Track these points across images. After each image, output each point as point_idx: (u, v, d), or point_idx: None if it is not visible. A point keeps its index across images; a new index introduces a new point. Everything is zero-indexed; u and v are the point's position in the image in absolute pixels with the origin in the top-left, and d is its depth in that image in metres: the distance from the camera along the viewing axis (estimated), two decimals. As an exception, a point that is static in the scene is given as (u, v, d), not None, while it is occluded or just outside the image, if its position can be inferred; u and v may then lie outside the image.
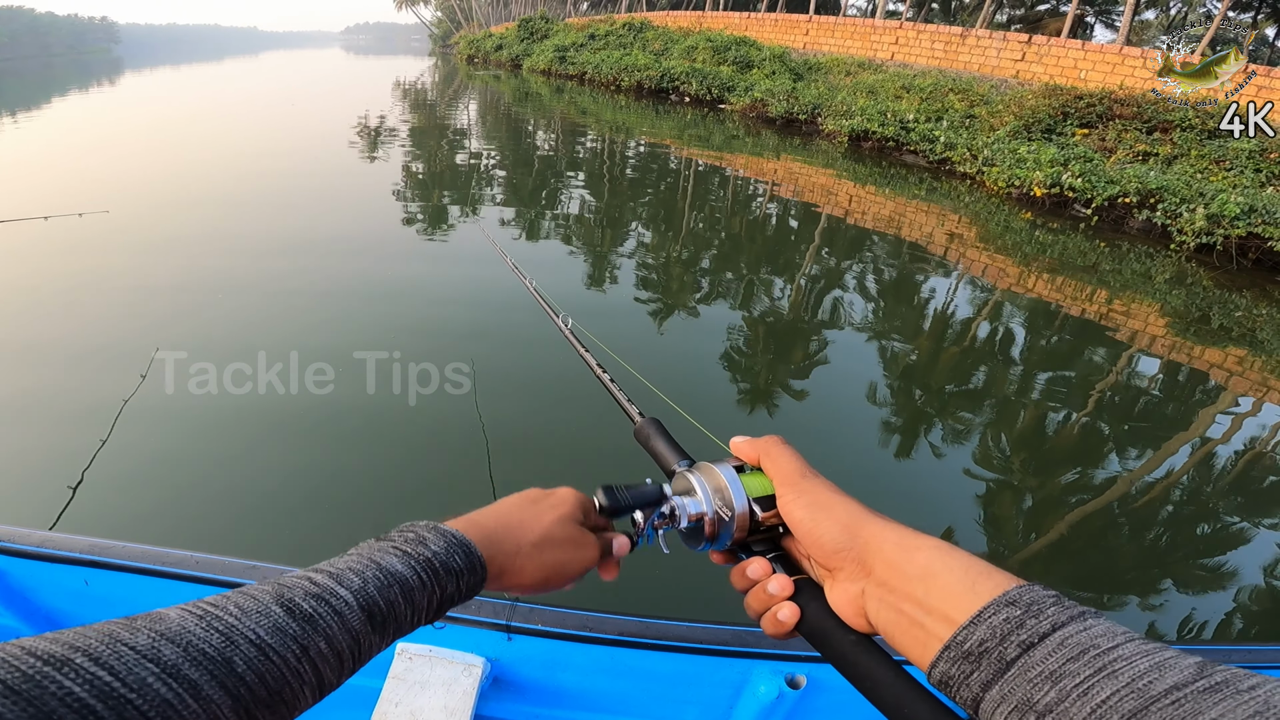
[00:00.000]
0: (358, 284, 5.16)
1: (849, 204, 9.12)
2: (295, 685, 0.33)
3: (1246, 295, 6.42)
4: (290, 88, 26.08)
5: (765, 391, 4.01)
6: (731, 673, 1.08)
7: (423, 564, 0.41)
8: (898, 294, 6.04)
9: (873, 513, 0.43)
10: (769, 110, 15.12)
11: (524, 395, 3.60)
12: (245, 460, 3.05)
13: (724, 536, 0.48)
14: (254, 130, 13.81)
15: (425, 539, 0.42)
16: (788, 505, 0.45)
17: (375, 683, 1.09)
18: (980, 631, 0.33)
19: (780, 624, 0.44)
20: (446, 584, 0.41)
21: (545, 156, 11.75)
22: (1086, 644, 0.30)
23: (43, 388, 3.59)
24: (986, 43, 15.28)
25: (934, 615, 0.36)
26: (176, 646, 0.29)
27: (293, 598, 0.35)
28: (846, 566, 0.42)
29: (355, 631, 0.36)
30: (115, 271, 5.28)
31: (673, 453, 0.56)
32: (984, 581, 0.35)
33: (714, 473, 0.49)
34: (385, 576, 0.39)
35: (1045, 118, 10.64)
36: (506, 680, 1.15)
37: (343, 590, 0.37)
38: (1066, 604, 0.33)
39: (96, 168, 9.43)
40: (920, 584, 0.37)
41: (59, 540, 1.13)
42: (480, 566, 0.44)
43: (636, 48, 22.65)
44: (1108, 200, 8.27)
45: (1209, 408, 4.46)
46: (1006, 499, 3.26)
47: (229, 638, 0.31)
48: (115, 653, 0.27)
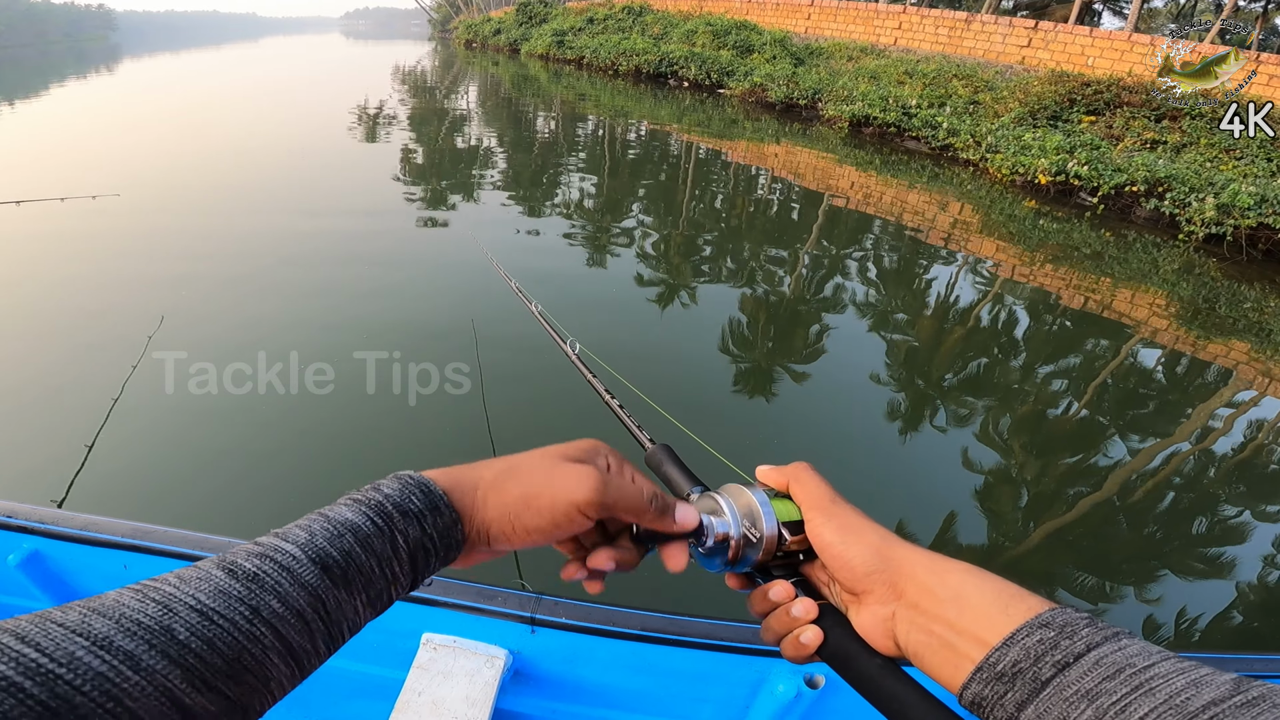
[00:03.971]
0: (357, 284, 5.07)
1: (859, 194, 8.91)
2: (255, 650, 0.31)
3: (1256, 287, 6.25)
4: (292, 73, 25.78)
5: (779, 406, 3.85)
6: (750, 671, 1.08)
7: (374, 507, 0.38)
8: (904, 285, 5.86)
9: (899, 538, 0.43)
10: (769, 95, 14.85)
11: (530, 410, 3.49)
12: (245, 460, 3.04)
13: (747, 559, 0.47)
14: (256, 117, 13.64)
15: (379, 485, 0.40)
16: (817, 529, 0.45)
17: (399, 673, 1.09)
18: (1014, 653, 0.34)
19: (802, 647, 0.43)
20: (407, 528, 0.38)
21: (545, 143, 11.53)
22: (1122, 663, 0.31)
23: (42, 372, 3.63)
24: (992, 28, 14.98)
25: (966, 637, 0.36)
26: (108, 619, 0.28)
27: (234, 559, 0.34)
28: (876, 590, 0.41)
29: (311, 586, 0.34)
30: (128, 252, 5.43)
31: (685, 479, 0.55)
32: (1017, 604, 0.36)
33: (743, 494, 0.48)
34: (334, 526, 0.37)
35: (1051, 104, 10.40)
36: (527, 673, 1.15)
37: (287, 545, 0.35)
38: (1100, 625, 0.33)
39: (103, 152, 9.55)
40: (952, 606, 0.37)
41: (100, 523, 1.12)
42: (446, 507, 0.40)
43: (635, 32, 22.30)
44: (1114, 189, 8.07)
45: (1211, 399, 4.37)
46: (1006, 488, 3.25)
47: (167, 606, 0.30)
48: (43, 630, 0.27)
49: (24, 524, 1.13)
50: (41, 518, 1.14)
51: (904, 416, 3.76)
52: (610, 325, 4.62)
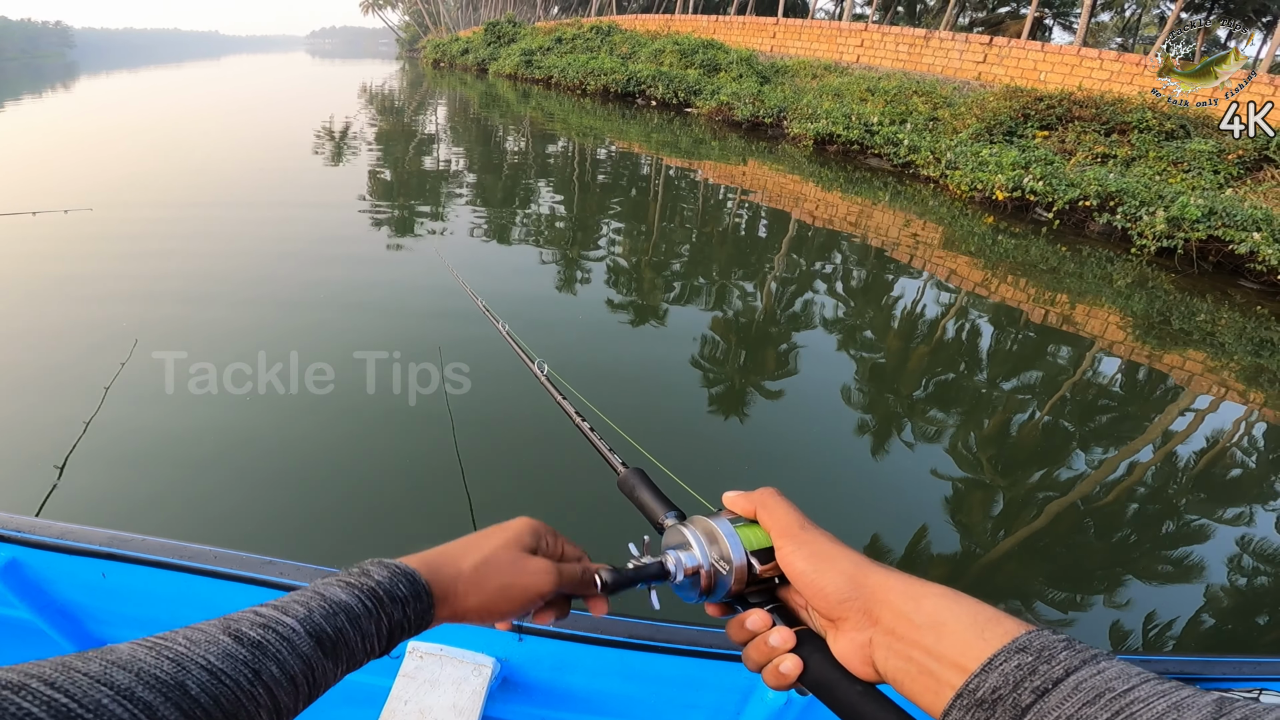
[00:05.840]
0: (340, 289, 5.09)
1: (828, 214, 9.02)
2: (251, 708, 0.34)
3: (1208, 299, 6.43)
4: (253, 92, 25.40)
5: (750, 433, 3.82)
6: (739, 678, 1.08)
7: (366, 592, 0.42)
8: (874, 303, 5.92)
9: (874, 562, 0.43)
10: (735, 114, 15.03)
11: (503, 441, 3.41)
12: (245, 458, 3.06)
13: (720, 590, 0.47)
14: (222, 134, 13.47)
15: (369, 571, 0.44)
16: (788, 557, 0.45)
17: (386, 681, 1.08)
18: (992, 679, 0.34)
19: (782, 676, 0.44)
20: (393, 611, 0.43)
21: (513, 164, 11.48)
22: (1101, 687, 0.31)
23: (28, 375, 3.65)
24: (949, 45, 15.40)
25: (944, 663, 0.36)
26: (129, 672, 0.31)
27: (239, 628, 0.36)
28: (852, 616, 0.41)
29: (306, 657, 0.37)
30: (106, 269, 5.38)
31: (659, 504, 0.55)
32: (993, 628, 0.36)
33: (709, 526, 0.48)
34: (330, 605, 0.40)
35: (1006, 119, 10.68)
36: (515, 681, 1.15)
37: (288, 619, 0.38)
38: (1078, 647, 0.33)
39: (66, 169, 9.54)
40: (930, 632, 0.37)
41: (77, 532, 1.11)
42: (425, 593, 0.45)
43: (603, 51, 22.45)
44: (1069, 204, 8.28)
45: (1170, 409, 4.48)
46: (975, 499, 3.28)
47: (180, 664, 0.32)
48: (70, 678, 0.29)
49: (1, 533, 1.12)
50: (19, 526, 1.12)
51: (874, 431, 3.77)
52: (578, 345, 4.57)
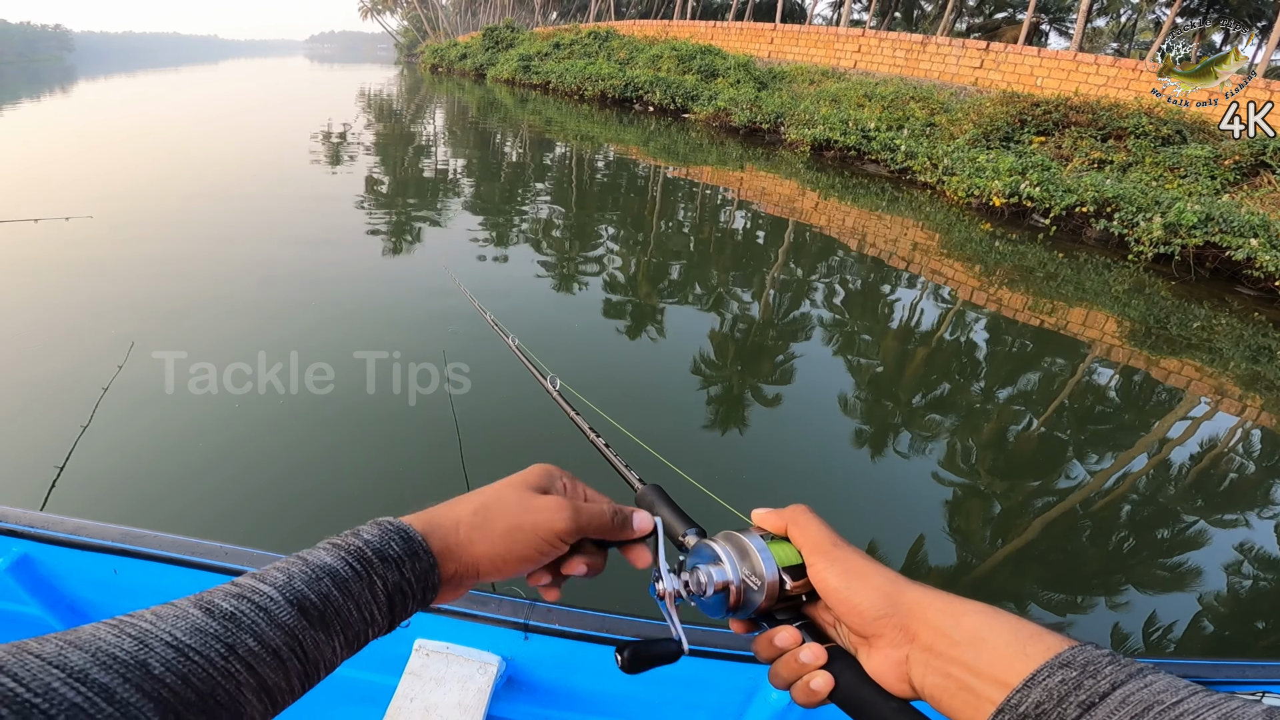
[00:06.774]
0: (340, 290, 5.11)
1: (836, 223, 9.01)
2: (229, 686, 0.31)
3: (1205, 305, 6.43)
4: (252, 96, 25.41)
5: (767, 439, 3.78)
6: (744, 678, 1.08)
7: (353, 553, 0.40)
8: (871, 311, 5.90)
9: (909, 580, 0.42)
10: (732, 119, 15.06)
11: (509, 451, 3.37)
12: (244, 458, 3.06)
13: (749, 606, 0.46)
14: (221, 138, 13.49)
15: (359, 531, 0.42)
16: (820, 574, 0.44)
17: (391, 679, 1.08)
18: (1035, 694, 0.33)
19: (813, 693, 0.42)
20: (386, 574, 0.40)
21: (512, 169, 11.46)
22: (1149, 700, 0.30)
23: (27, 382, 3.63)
24: (946, 50, 15.44)
25: (985, 679, 0.36)
26: (84, 652, 0.29)
27: (212, 599, 0.34)
28: (887, 633, 0.41)
29: (288, 627, 0.35)
30: (104, 274, 5.41)
31: (679, 521, 0.54)
32: (1035, 644, 0.35)
33: (741, 541, 0.48)
34: (312, 570, 0.38)
35: (1003, 125, 10.70)
36: (521, 679, 1.15)
37: (265, 586, 0.36)
38: (1123, 661, 0.33)
39: (64, 175, 9.55)
40: (970, 648, 0.37)
41: (90, 528, 1.10)
42: (424, 550, 0.42)
43: (601, 57, 22.50)
44: (1065, 210, 8.28)
45: (1168, 415, 4.48)
46: (973, 505, 3.27)
47: (142, 641, 0.30)
48: (20, 661, 0.27)
49: (13, 527, 1.11)
50: (31, 521, 1.11)
51: (872, 439, 3.75)
52: (588, 358, 4.51)
